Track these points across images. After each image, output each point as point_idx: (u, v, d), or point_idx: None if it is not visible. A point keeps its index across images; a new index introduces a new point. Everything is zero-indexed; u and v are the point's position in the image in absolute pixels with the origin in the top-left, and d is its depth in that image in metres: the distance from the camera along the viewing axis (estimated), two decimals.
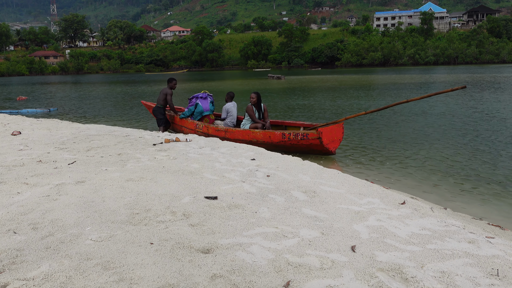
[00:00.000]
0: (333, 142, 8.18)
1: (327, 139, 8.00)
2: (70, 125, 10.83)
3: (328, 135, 8.02)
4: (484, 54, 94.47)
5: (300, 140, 8.07)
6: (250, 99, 9.07)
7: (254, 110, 9.07)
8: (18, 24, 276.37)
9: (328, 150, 8.06)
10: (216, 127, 9.25)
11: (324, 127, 8.08)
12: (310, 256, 3.00)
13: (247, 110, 9.09)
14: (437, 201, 5.40)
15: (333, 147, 8.16)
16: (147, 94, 28.24)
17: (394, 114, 14.07)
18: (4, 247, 3.07)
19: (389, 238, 3.35)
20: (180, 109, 11.88)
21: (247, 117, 9.16)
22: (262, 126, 8.95)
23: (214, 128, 9.25)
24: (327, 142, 8.01)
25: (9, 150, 6.96)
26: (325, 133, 7.94)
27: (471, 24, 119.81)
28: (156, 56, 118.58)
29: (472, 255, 3.05)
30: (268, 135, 8.35)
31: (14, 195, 4.36)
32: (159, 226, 3.53)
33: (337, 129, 8.29)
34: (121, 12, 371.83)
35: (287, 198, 4.38)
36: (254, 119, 9.01)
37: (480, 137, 9.77)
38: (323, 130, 7.92)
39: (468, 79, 34.87)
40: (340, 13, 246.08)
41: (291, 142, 8.16)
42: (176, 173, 5.30)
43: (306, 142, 8.05)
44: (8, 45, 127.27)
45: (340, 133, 8.38)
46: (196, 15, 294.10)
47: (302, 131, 8.09)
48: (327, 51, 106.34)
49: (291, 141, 8.15)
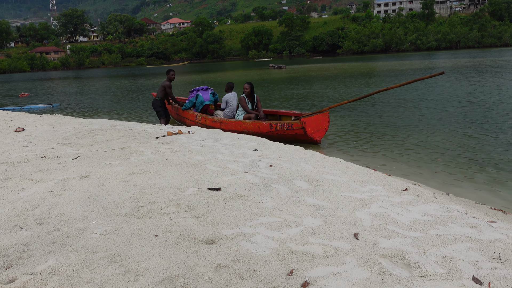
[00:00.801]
0: (318, 131, 8.33)
1: (311, 128, 8.16)
2: (73, 120, 10.86)
3: (312, 124, 8.17)
4: (486, 38, 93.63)
5: (286, 130, 8.25)
6: (244, 90, 9.24)
7: (247, 101, 9.24)
8: (18, 20, 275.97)
9: (313, 139, 8.21)
10: (213, 118, 9.42)
11: (308, 117, 8.24)
12: (313, 244, 3.03)
13: (239, 101, 9.30)
14: (440, 187, 5.42)
15: (318, 136, 8.31)
16: (146, 88, 28.22)
17: (392, 101, 14.03)
18: (11, 243, 3.11)
19: (392, 225, 3.37)
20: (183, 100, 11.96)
21: (240, 107, 9.33)
22: (256, 116, 9.07)
23: (211, 119, 9.44)
24: (311, 132, 8.17)
25: (13, 146, 7.00)
26: (308, 123, 8.10)
27: (473, 8, 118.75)
28: (157, 49, 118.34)
29: (474, 240, 3.07)
30: (257, 126, 8.52)
31: (19, 191, 4.40)
32: (164, 218, 3.56)
33: (322, 118, 8.40)
34: (120, 6, 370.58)
35: (290, 187, 4.40)
36: (247, 110, 9.19)
37: (480, 121, 9.74)
38: (306, 120, 8.08)
39: (469, 63, 34.65)
40: (340, 1, 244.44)
41: (278, 132, 8.33)
42: (179, 165, 5.33)
43: (292, 132, 8.21)
44: (9, 42, 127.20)
45: (325, 122, 8.48)
46: (196, 7, 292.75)
47: (287, 121, 8.24)
48: (328, 39, 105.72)
49: (277, 131, 8.33)
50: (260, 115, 9.06)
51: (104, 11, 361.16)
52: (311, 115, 8.45)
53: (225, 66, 70.71)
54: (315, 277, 2.57)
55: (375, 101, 14.36)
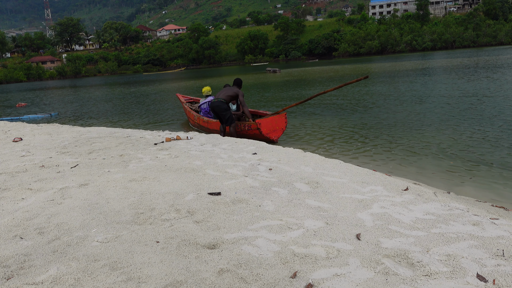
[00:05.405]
0: (275, 131, 8.92)
1: (267, 129, 8.78)
2: (70, 129, 10.84)
3: (267, 125, 8.80)
4: (482, 37, 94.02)
5: (247, 130, 8.91)
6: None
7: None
8: (13, 30, 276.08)
9: (269, 138, 8.74)
10: (203, 119, 10.37)
11: (263, 119, 8.87)
12: (315, 246, 3.01)
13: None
14: (440, 186, 5.41)
15: (274, 136, 8.88)
16: (143, 95, 28.20)
17: (388, 100, 14.05)
18: (11, 253, 3.09)
19: (394, 225, 3.36)
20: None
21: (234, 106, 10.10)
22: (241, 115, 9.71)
23: (202, 119, 10.39)
24: (267, 132, 8.78)
25: (12, 156, 6.98)
26: (264, 124, 8.73)
27: (467, 8, 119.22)
28: (153, 55, 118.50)
29: (477, 237, 3.06)
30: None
31: (18, 201, 4.38)
32: (164, 224, 3.54)
33: (279, 119, 9.00)
34: (115, 14, 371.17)
35: (290, 190, 4.39)
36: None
37: (477, 119, 9.76)
38: (261, 121, 8.72)
39: (466, 61, 34.76)
40: (335, 3, 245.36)
41: (243, 132, 8.96)
42: (179, 171, 5.31)
43: (251, 132, 8.84)
44: (5, 52, 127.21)
45: (282, 123, 9.06)
46: (191, 13, 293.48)
47: (248, 122, 8.84)
48: (323, 42, 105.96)
49: (243, 131, 8.97)
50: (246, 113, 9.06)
51: (99, 19, 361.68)
52: (268, 117, 9.09)
53: (222, 71, 70.80)
54: (319, 279, 2.56)
55: (367, 101, 14.38)
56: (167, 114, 15.75)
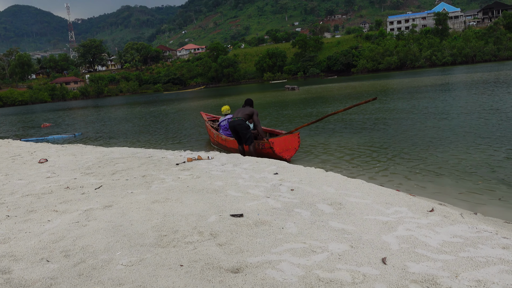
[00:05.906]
0: (287, 150, 8.98)
1: (280, 148, 8.87)
2: (94, 149, 11.03)
3: (280, 145, 8.90)
4: (503, 51, 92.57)
5: (261, 149, 9.00)
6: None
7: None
8: (38, 53, 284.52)
9: (282, 157, 8.77)
10: (221, 137, 10.51)
11: (276, 138, 9.01)
12: (340, 270, 2.97)
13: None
14: (466, 207, 5.29)
15: (287, 155, 8.92)
16: (163, 114, 28.57)
17: (408, 117, 13.90)
18: (38, 276, 3.13)
19: (420, 248, 3.29)
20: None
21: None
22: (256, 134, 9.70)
23: (220, 137, 10.53)
24: (280, 151, 8.85)
25: (37, 178, 7.13)
26: (276, 143, 8.83)
27: (487, 22, 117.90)
28: (173, 75, 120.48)
29: (507, 262, 2.97)
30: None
31: (45, 223, 4.46)
32: (188, 247, 3.55)
33: (291, 139, 9.08)
34: (136, 34, 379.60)
35: (313, 211, 4.36)
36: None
37: (502, 136, 9.55)
38: (274, 141, 8.85)
39: (487, 76, 34.24)
40: (352, 20, 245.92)
41: (258, 151, 9.04)
42: (201, 192, 5.33)
43: (265, 151, 8.92)
44: (30, 73, 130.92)
45: (295, 142, 9.13)
46: (210, 32, 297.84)
47: (261, 141, 8.98)
48: (342, 58, 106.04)
49: (258, 150, 9.05)
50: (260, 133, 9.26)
51: (121, 40, 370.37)
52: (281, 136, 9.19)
53: (241, 89, 71.33)
54: None
55: (387, 118, 14.26)
56: (187, 133, 15.91)
